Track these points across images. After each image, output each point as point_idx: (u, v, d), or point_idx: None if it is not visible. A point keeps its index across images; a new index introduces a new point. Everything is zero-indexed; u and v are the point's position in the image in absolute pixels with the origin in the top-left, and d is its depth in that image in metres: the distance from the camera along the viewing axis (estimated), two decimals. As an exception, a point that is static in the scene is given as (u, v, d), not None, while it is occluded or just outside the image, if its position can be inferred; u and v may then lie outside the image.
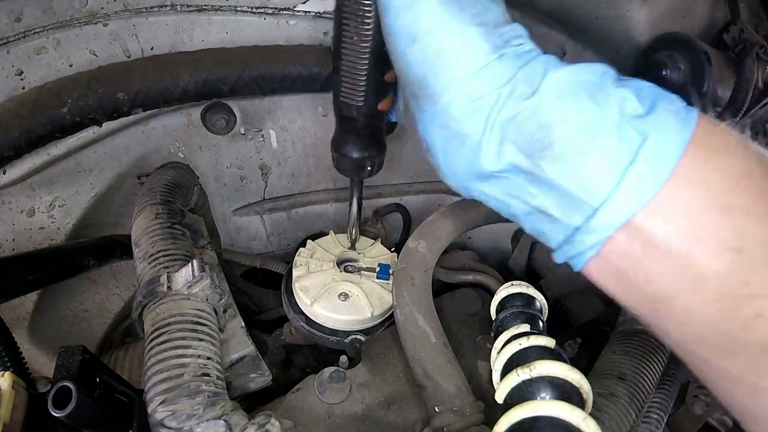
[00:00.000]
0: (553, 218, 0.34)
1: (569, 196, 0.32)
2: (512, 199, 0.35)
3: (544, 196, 0.33)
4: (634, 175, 0.30)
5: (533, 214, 0.35)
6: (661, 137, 0.29)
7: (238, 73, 0.58)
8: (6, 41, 0.58)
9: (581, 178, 0.31)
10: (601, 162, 0.30)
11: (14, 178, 0.65)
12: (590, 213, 0.31)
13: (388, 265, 0.74)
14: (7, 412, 0.37)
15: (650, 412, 0.58)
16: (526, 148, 0.32)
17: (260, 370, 0.56)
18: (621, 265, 0.33)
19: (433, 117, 0.36)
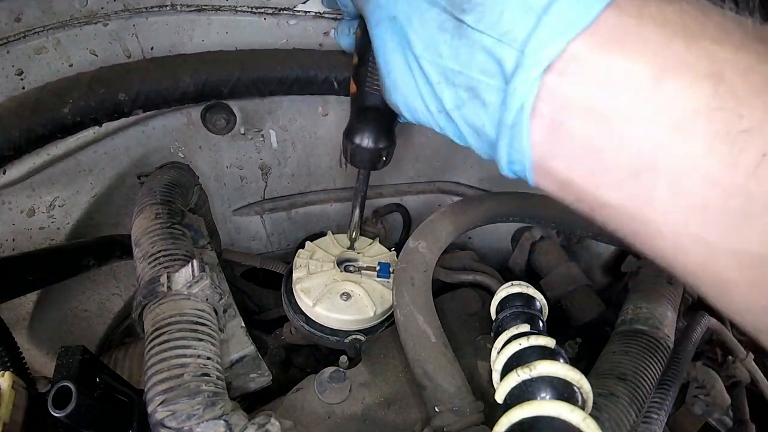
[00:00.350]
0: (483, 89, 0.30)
1: (494, 47, 0.28)
2: (444, 86, 0.33)
3: (469, 64, 0.30)
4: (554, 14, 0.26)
5: (468, 101, 0.32)
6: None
7: (237, 76, 0.59)
8: (6, 41, 0.58)
9: (505, 21, 0.28)
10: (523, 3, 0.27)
11: (14, 178, 0.65)
12: (516, 53, 0.27)
13: (388, 263, 0.74)
14: (7, 412, 0.37)
15: (650, 412, 0.58)
16: (447, 4, 0.31)
17: (260, 370, 0.56)
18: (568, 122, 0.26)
19: (371, 19, 0.37)
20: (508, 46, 0.28)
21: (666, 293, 0.69)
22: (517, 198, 0.74)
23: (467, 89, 0.31)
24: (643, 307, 0.66)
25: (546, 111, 0.27)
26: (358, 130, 0.58)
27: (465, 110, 0.32)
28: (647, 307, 0.66)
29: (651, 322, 0.63)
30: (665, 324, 0.64)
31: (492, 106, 0.30)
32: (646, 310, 0.66)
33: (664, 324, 0.64)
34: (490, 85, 0.30)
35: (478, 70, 0.30)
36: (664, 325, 0.64)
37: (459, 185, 1.00)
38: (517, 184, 1.00)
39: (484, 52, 0.29)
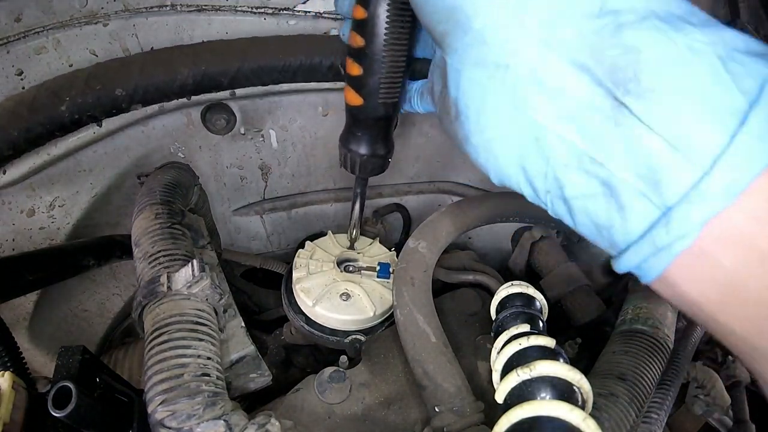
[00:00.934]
0: (628, 194, 0.24)
1: (662, 154, 0.22)
2: (573, 171, 0.26)
3: (619, 161, 0.24)
4: (754, 121, 0.21)
5: (597, 196, 0.26)
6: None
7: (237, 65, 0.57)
8: (6, 41, 0.58)
9: (681, 125, 0.22)
10: (705, 105, 0.22)
11: (14, 178, 0.65)
12: (699, 174, 0.22)
13: (388, 263, 0.74)
14: (7, 412, 0.37)
15: (650, 412, 0.58)
16: (605, 77, 0.23)
17: (260, 370, 0.56)
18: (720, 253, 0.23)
19: (464, 54, 0.28)
20: (683, 160, 0.22)
21: (666, 293, 0.69)
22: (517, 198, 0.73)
23: (605, 185, 0.25)
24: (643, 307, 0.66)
25: (698, 241, 0.23)
26: (355, 138, 0.56)
27: (590, 204, 0.26)
28: (647, 307, 0.66)
29: (651, 322, 0.63)
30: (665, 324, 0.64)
31: (633, 215, 0.25)
32: (646, 310, 0.66)
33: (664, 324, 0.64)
34: (639, 192, 0.24)
35: (628, 170, 0.24)
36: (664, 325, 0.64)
37: (459, 185, 1.00)
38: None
39: (644, 152, 0.23)
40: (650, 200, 0.24)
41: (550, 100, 0.25)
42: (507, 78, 0.26)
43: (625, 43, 0.23)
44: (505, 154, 0.29)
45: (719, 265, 0.23)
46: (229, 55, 0.58)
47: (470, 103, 0.29)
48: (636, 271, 0.27)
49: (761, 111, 0.21)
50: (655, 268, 0.25)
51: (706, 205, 0.22)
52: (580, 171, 0.26)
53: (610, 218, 0.26)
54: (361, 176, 0.61)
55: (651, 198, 0.24)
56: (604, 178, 0.25)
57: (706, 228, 0.22)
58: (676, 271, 0.25)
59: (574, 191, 0.27)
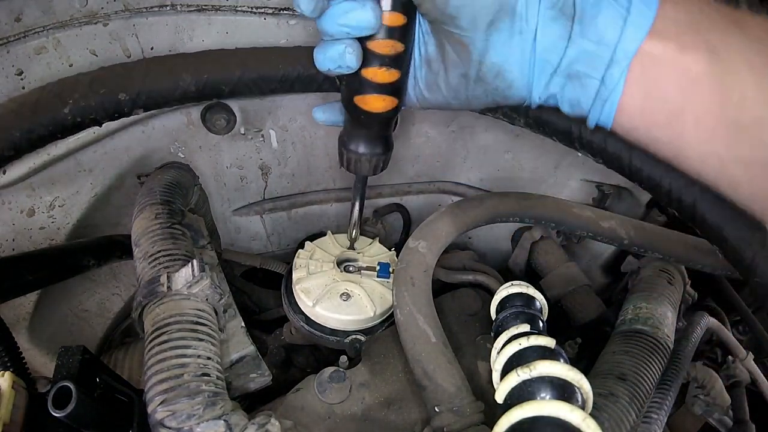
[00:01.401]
0: (584, 77, 0.42)
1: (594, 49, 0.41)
2: (553, 76, 0.44)
3: (576, 57, 0.42)
4: (631, 21, 0.39)
5: (568, 83, 0.43)
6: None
7: (238, 75, 0.59)
8: (6, 41, 0.58)
9: (599, 31, 0.40)
10: (609, 18, 0.40)
11: (14, 178, 0.65)
12: (610, 54, 0.40)
13: (388, 263, 0.74)
14: (7, 412, 0.37)
15: (650, 412, 0.58)
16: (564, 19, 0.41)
17: (260, 370, 0.56)
18: (641, 89, 0.40)
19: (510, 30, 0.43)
20: (603, 49, 0.41)
21: (666, 293, 0.69)
22: (517, 198, 0.74)
23: (570, 75, 0.43)
24: (643, 307, 0.66)
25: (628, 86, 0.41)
26: (355, 137, 0.56)
27: (566, 90, 0.44)
28: (647, 307, 0.66)
29: (651, 322, 0.64)
30: (665, 324, 0.64)
31: (588, 88, 0.43)
32: (646, 310, 0.66)
33: (664, 324, 0.64)
34: (587, 74, 0.42)
35: (581, 64, 0.42)
36: (664, 325, 0.64)
37: (459, 185, 1.00)
38: (517, 185, 1.00)
39: (586, 50, 0.41)
40: (594, 77, 0.42)
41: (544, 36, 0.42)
42: (515, 25, 0.42)
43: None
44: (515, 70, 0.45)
45: (659, 97, 0.40)
46: (230, 64, 0.59)
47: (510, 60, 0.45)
48: (600, 123, 0.44)
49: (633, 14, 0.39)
50: (609, 116, 0.43)
51: (618, 66, 0.40)
52: (558, 73, 0.44)
53: (577, 93, 0.44)
54: (361, 176, 0.61)
55: (594, 75, 0.42)
56: (570, 72, 0.43)
57: (634, 83, 0.40)
58: (624, 116, 0.43)
59: (556, 87, 0.45)
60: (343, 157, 0.58)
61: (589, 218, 0.73)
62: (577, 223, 0.73)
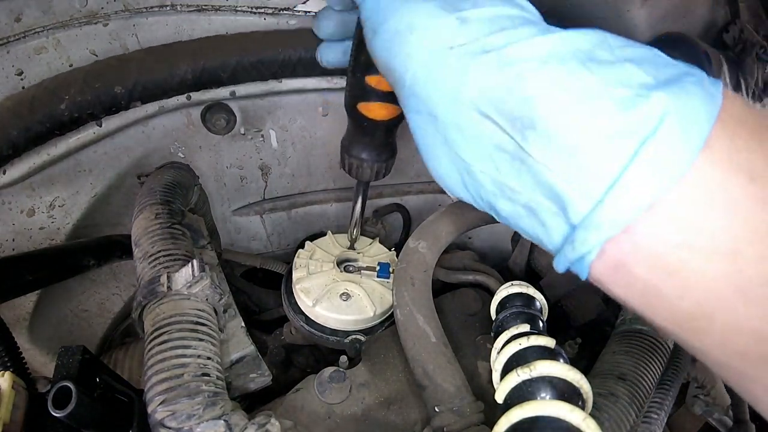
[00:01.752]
0: (543, 219, 0.29)
1: (562, 187, 0.26)
2: (499, 198, 0.30)
3: (531, 190, 0.28)
4: (644, 162, 0.24)
5: (525, 216, 0.30)
6: (683, 112, 0.23)
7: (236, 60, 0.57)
8: (6, 41, 0.58)
9: (573, 166, 0.25)
10: (598, 145, 0.25)
11: (14, 178, 0.65)
12: (589, 210, 0.26)
13: (388, 263, 0.74)
14: (7, 412, 0.37)
15: (650, 412, 0.58)
16: (506, 126, 0.27)
17: (260, 370, 0.56)
18: (634, 268, 0.27)
19: (406, 104, 0.33)
20: (580, 197, 0.26)
21: (666, 293, 0.69)
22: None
23: (526, 208, 0.29)
24: (643, 307, 0.66)
25: (612, 254, 0.27)
26: (357, 143, 0.55)
27: (522, 222, 0.31)
28: (647, 307, 0.66)
29: (651, 322, 0.63)
30: (665, 324, 0.64)
31: (552, 230, 0.29)
32: (646, 310, 0.66)
33: (664, 324, 0.64)
34: (553, 215, 0.28)
35: (541, 197, 0.28)
36: (664, 325, 0.64)
37: (459, 185, 1.00)
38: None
39: (548, 188, 0.27)
40: (562, 219, 0.27)
41: (470, 143, 0.30)
42: (438, 125, 0.31)
43: (523, 94, 0.26)
44: (450, 180, 0.34)
45: (634, 275, 0.27)
46: (227, 50, 0.58)
47: (419, 140, 0.34)
48: (571, 270, 0.30)
49: (653, 146, 0.23)
50: (581, 272, 0.29)
51: (600, 232, 0.25)
52: (504, 198, 0.30)
53: (537, 233, 0.30)
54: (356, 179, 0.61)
55: (562, 217, 0.27)
56: (524, 203, 0.29)
57: (615, 244, 0.26)
58: (598, 277, 0.29)
59: (505, 213, 0.31)
60: (345, 162, 0.58)
61: (589, 218, 0.73)
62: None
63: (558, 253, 0.29)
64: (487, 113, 0.28)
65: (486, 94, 0.27)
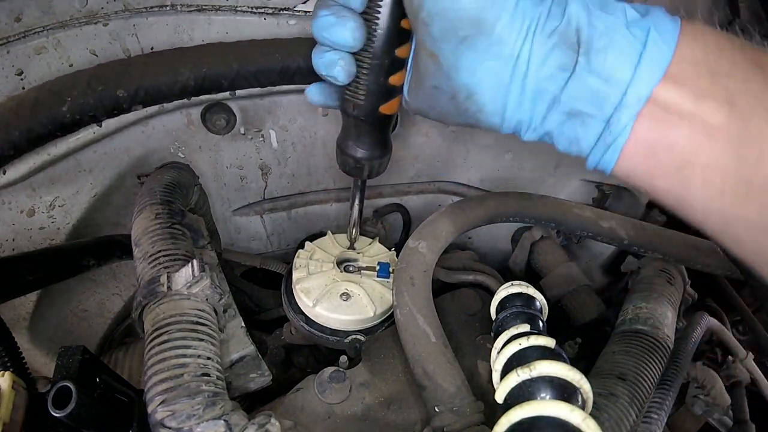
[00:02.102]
0: (586, 116, 0.39)
1: (600, 87, 0.37)
2: (550, 111, 0.40)
3: (579, 93, 0.38)
4: (646, 59, 0.36)
5: (568, 121, 0.40)
6: (660, 29, 0.36)
7: (237, 68, 0.58)
8: (6, 41, 0.58)
9: (608, 67, 0.37)
10: (621, 54, 0.36)
11: (14, 178, 0.65)
12: (620, 95, 0.37)
13: (388, 263, 0.74)
14: (7, 412, 0.37)
15: (650, 412, 0.58)
16: (565, 48, 0.38)
17: (260, 370, 0.56)
18: (649, 138, 0.37)
19: (486, 51, 0.39)
20: (611, 88, 0.37)
21: (666, 293, 0.69)
22: (517, 198, 0.74)
23: (569, 114, 0.40)
24: (643, 307, 0.66)
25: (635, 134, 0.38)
26: (354, 142, 0.55)
27: (564, 127, 0.41)
28: (647, 307, 0.66)
29: (651, 322, 0.63)
30: (665, 324, 0.64)
31: (590, 128, 0.39)
32: (646, 310, 0.66)
33: (664, 324, 0.64)
34: (591, 114, 0.39)
35: (584, 102, 0.38)
36: (664, 325, 0.64)
37: (459, 185, 1.00)
38: (517, 185, 1.00)
39: (591, 88, 0.38)
40: (598, 118, 0.38)
41: (538, 69, 0.39)
42: (517, 63, 0.39)
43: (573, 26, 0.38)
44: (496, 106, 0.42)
45: (668, 147, 0.37)
46: (229, 57, 0.58)
47: (485, 83, 0.41)
48: (599, 166, 0.41)
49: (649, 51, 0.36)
50: (610, 162, 0.40)
51: (629, 109, 0.37)
52: (554, 111, 0.40)
53: (576, 133, 0.40)
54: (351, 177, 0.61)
55: (598, 116, 0.38)
56: (569, 110, 0.40)
57: (642, 130, 0.37)
58: (627, 162, 0.39)
59: (552, 124, 0.41)
60: (342, 161, 0.58)
61: (589, 218, 0.73)
62: (577, 223, 0.73)
63: (591, 150, 0.40)
64: (553, 44, 0.38)
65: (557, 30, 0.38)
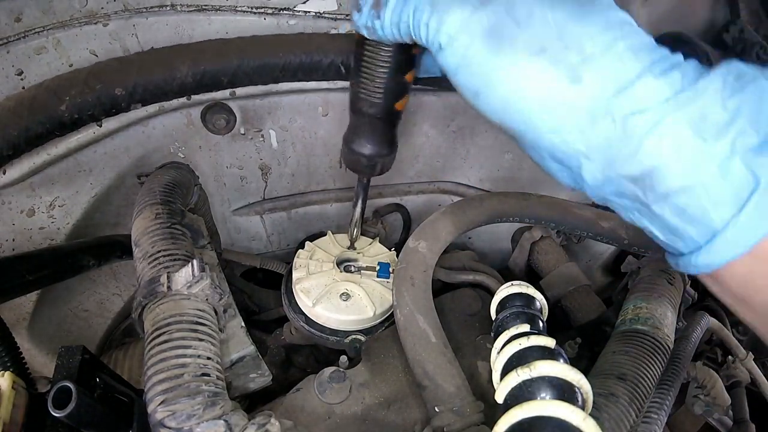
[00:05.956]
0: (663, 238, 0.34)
1: (674, 230, 0.32)
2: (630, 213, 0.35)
3: (650, 224, 0.34)
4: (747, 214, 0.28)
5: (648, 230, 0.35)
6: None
7: (237, 64, 0.57)
8: (6, 41, 0.58)
9: (686, 217, 0.30)
10: (708, 203, 0.29)
11: (14, 178, 0.65)
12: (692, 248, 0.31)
13: (388, 263, 0.74)
14: (7, 412, 0.37)
15: (650, 412, 0.58)
16: (628, 183, 0.32)
17: (260, 370, 0.56)
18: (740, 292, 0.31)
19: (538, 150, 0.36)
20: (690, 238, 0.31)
21: (666, 293, 0.69)
22: (517, 198, 0.73)
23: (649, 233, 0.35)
24: (643, 307, 0.66)
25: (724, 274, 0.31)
26: (357, 137, 0.55)
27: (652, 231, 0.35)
28: (647, 307, 0.66)
29: (651, 322, 0.63)
30: (665, 324, 0.64)
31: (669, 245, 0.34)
32: (646, 310, 0.66)
33: (664, 324, 0.64)
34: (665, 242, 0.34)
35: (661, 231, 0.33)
36: (664, 325, 0.64)
37: (459, 185, 1.00)
38: (517, 185, 1.00)
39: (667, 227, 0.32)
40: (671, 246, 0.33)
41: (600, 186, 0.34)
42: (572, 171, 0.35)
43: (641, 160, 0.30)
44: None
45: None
46: (228, 54, 0.58)
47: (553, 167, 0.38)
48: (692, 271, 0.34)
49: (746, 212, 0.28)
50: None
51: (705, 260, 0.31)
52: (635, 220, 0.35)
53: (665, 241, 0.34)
54: (356, 174, 0.61)
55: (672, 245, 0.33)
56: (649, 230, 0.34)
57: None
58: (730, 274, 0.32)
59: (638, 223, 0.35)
60: (351, 159, 0.58)
61: (589, 218, 0.73)
62: (577, 223, 0.73)
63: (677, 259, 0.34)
64: (610, 175, 0.32)
65: (608, 158, 0.31)
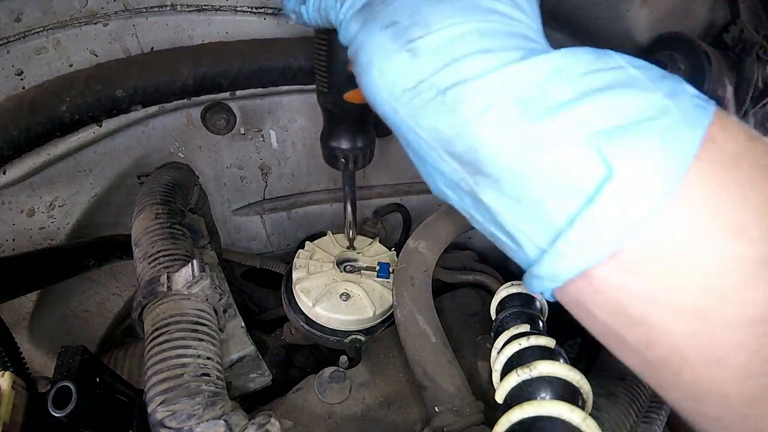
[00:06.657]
0: (503, 247, 0.30)
1: (511, 231, 0.27)
2: (469, 217, 0.32)
3: (488, 224, 0.29)
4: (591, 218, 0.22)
5: (490, 237, 0.31)
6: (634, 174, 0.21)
7: (237, 67, 0.58)
8: (6, 41, 0.58)
9: (520, 213, 0.25)
10: (544, 199, 0.24)
11: (14, 178, 0.65)
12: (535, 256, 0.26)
13: (388, 263, 0.74)
14: (7, 412, 0.37)
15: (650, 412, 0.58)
16: (459, 167, 0.27)
17: (260, 370, 0.56)
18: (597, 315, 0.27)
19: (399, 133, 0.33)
20: (528, 244, 0.26)
21: (666, 293, 0.69)
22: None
23: (488, 234, 0.31)
24: (643, 307, 0.66)
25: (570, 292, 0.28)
26: (337, 134, 0.56)
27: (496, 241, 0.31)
28: (647, 307, 0.66)
29: (651, 322, 0.63)
30: (665, 324, 0.64)
31: (517, 257, 0.30)
32: (646, 310, 0.66)
33: (664, 324, 0.64)
34: (511, 249, 0.29)
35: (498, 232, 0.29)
36: (664, 325, 0.64)
37: (459, 185, 1.00)
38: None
39: (501, 227, 0.28)
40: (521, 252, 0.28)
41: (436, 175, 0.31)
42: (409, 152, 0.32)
43: (469, 141, 0.25)
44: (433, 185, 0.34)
45: (594, 316, 0.28)
46: (229, 57, 0.58)
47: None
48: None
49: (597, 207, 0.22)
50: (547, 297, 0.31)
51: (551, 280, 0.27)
52: (473, 221, 0.32)
53: (507, 251, 0.31)
54: (347, 172, 0.61)
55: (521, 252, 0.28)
56: (487, 231, 0.31)
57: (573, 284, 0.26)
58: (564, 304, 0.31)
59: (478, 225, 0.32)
60: (325, 155, 0.58)
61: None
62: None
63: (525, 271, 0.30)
64: (442, 155, 0.28)
65: (437, 137, 0.27)
